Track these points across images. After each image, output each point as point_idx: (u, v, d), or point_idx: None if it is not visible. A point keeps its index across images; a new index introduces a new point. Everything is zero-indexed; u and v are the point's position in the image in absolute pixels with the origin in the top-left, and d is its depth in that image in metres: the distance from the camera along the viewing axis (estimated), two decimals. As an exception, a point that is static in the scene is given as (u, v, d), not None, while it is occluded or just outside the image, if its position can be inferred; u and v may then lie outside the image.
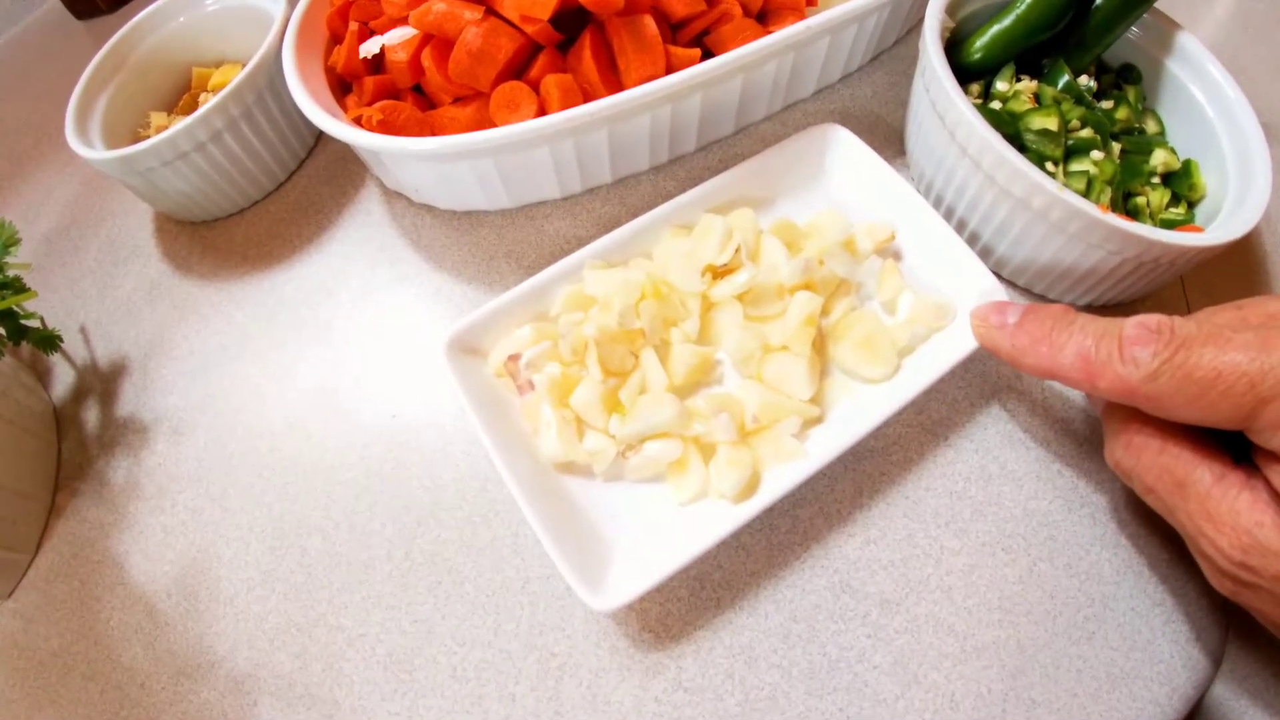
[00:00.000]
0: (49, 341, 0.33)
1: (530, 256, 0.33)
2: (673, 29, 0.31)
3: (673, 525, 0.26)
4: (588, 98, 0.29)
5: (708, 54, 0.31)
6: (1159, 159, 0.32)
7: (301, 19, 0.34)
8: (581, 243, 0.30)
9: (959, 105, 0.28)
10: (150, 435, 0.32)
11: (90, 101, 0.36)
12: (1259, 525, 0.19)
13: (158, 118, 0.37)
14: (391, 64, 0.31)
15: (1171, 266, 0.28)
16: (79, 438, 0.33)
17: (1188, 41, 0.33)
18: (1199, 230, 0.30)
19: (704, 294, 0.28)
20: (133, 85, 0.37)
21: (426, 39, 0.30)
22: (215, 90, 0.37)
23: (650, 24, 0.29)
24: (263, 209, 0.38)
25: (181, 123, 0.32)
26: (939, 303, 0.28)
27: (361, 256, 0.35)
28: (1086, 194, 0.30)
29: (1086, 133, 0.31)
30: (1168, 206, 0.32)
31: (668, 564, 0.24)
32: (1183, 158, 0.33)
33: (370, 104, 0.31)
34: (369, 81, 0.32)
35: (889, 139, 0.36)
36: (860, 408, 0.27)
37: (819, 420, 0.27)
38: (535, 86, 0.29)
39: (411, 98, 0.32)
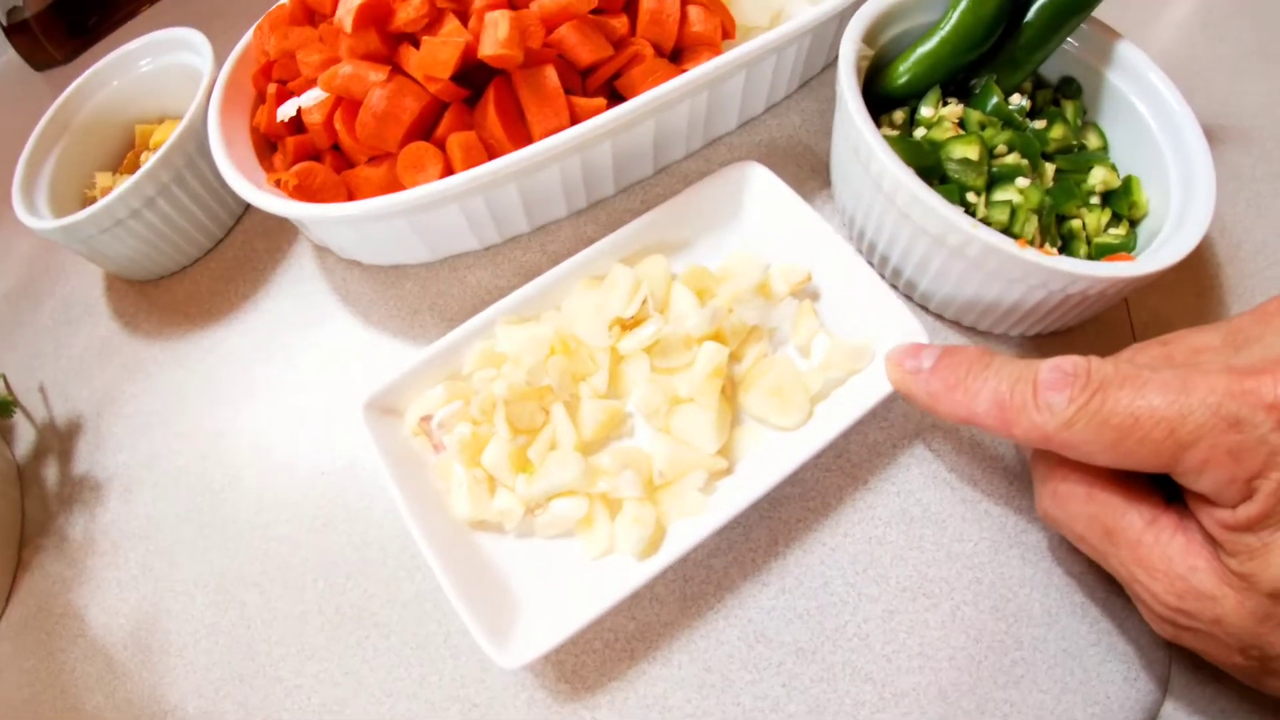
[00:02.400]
0: (3, 407, 0.34)
1: (453, 309, 0.33)
2: (582, 76, 0.31)
3: (582, 580, 0.26)
4: (493, 154, 0.29)
5: (619, 98, 0.31)
6: (1098, 177, 0.31)
7: (228, 78, 0.34)
8: (503, 292, 0.30)
9: (869, 141, 0.27)
10: (104, 492, 0.34)
11: (36, 167, 0.37)
12: (1193, 570, 0.19)
13: (103, 179, 0.38)
14: (309, 125, 0.31)
15: (1102, 297, 0.27)
16: (41, 494, 0.35)
17: (1128, 50, 0.31)
18: (1129, 259, 0.29)
19: (613, 347, 0.28)
20: (77, 148, 0.38)
21: (338, 101, 0.30)
22: (156, 147, 0.38)
23: (551, 76, 0.28)
24: (204, 265, 0.38)
25: (116, 190, 0.33)
26: (855, 345, 0.28)
27: (294, 313, 0.35)
28: (1010, 225, 0.29)
29: (1013, 158, 0.30)
30: (1107, 227, 0.31)
31: (574, 620, 0.24)
32: (1127, 173, 0.31)
33: (291, 165, 0.32)
34: (290, 142, 0.32)
35: (816, 169, 0.35)
36: (772, 456, 0.27)
37: (728, 472, 0.27)
38: (442, 145, 0.29)
39: (331, 157, 0.32)
